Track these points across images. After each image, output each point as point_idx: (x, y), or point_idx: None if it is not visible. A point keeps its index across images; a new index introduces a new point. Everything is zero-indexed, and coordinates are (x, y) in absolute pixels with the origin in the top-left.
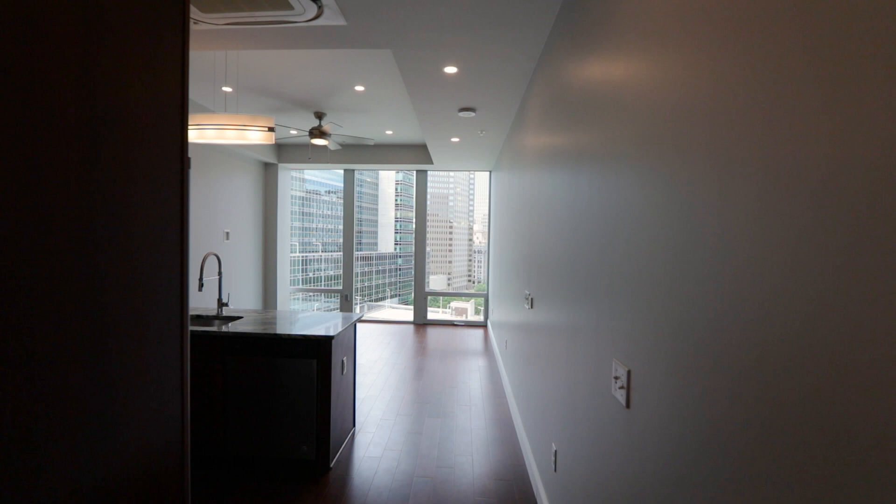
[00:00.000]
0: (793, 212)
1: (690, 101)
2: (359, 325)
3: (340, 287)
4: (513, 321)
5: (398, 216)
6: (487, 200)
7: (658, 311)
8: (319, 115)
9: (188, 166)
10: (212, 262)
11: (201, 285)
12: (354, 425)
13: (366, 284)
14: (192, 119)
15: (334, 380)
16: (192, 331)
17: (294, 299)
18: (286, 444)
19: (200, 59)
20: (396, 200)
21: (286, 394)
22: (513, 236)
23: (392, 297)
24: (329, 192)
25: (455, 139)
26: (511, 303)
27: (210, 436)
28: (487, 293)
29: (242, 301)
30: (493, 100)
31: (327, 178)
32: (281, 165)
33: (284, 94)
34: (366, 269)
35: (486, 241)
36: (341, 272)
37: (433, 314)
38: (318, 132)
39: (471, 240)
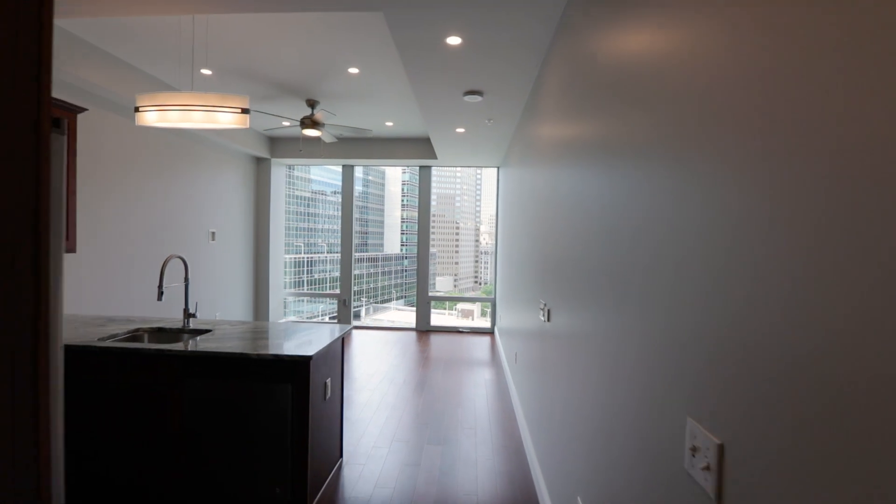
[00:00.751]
0: None
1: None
2: (357, 333)
3: (338, 291)
4: (523, 331)
5: (404, 216)
6: (495, 199)
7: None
8: (312, 104)
9: (54, 131)
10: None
11: (161, 294)
12: (342, 455)
13: (371, 286)
14: (152, 99)
15: (314, 407)
16: (137, 350)
17: (297, 301)
18: (256, 485)
19: (173, 36)
20: (403, 201)
21: (257, 425)
22: (524, 238)
23: (398, 298)
24: (335, 193)
25: (460, 129)
26: (522, 311)
27: (161, 478)
28: (494, 297)
29: (230, 308)
30: (502, 81)
31: (334, 178)
32: (274, 160)
33: (272, 78)
34: (371, 270)
35: (494, 241)
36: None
37: (437, 317)
38: (309, 122)
39: (477, 240)
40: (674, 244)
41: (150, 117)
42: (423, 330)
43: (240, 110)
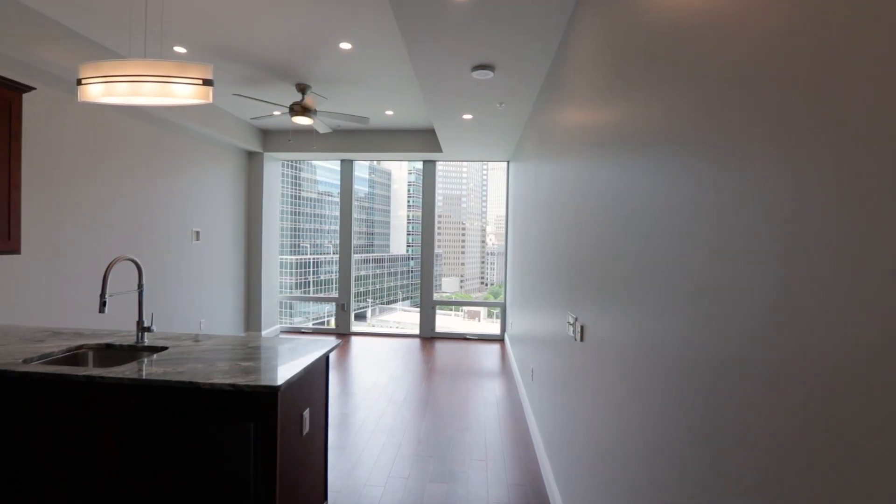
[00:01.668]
0: None
1: None
2: (358, 340)
3: (336, 294)
4: (541, 344)
5: (410, 217)
6: (504, 197)
7: None
8: (303, 88)
9: None
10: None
11: (103, 304)
12: (326, 498)
13: (377, 287)
14: (96, 69)
15: (286, 448)
16: (60, 376)
17: (303, 302)
18: None
19: (140, 8)
20: (408, 202)
21: (211, 473)
22: (540, 239)
23: (404, 299)
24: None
25: (467, 116)
26: (538, 320)
27: None
28: (504, 302)
29: (218, 315)
30: (517, 51)
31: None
32: (267, 155)
33: (256, 58)
34: (377, 271)
35: (504, 241)
36: (354, 274)
37: (443, 318)
38: (299, 108)
39: (483, 241)
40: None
41: (95, 91)
42: (428, 337)
43: (201, 81)
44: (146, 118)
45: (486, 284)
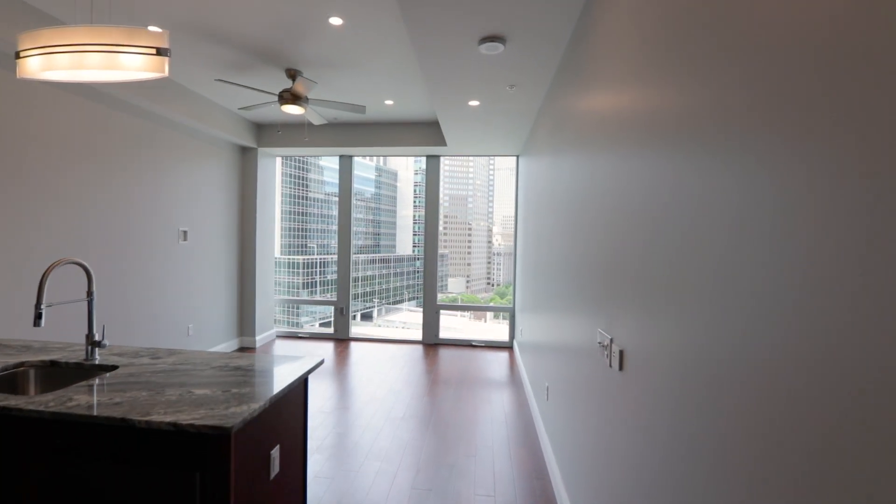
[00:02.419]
0: None
1: None
2: (356, 347)
3: (335, 298)
4: (558, 359)
5: (416, 217)
6: (514, 193)
7: None
8: (293, 75)
9: None
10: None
11: (38, 316)
12: None
13: (384, 287)
14: (34, 38)
15: (242, 500)
16: None
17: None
18: None
19: None
20: (415, 202)
21: None
22: (560, 240)
23: (410, 299)
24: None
25: (474, 102)
26: (555, 331)
27: None
28: (513, 307)
29: (208, 319)
30: (533, 16)
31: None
32: (261, 150)
33: (239, 38)
34: (384, 271)
35: (512, 241)
36: (361, 274)
37: (448, 319)
38: (289, 96)
39: (490, 241)
40: None
41: (34, 65)
42: (431, 343)
43: (154, 51)
44: (127, 109)
45: (493, 285)
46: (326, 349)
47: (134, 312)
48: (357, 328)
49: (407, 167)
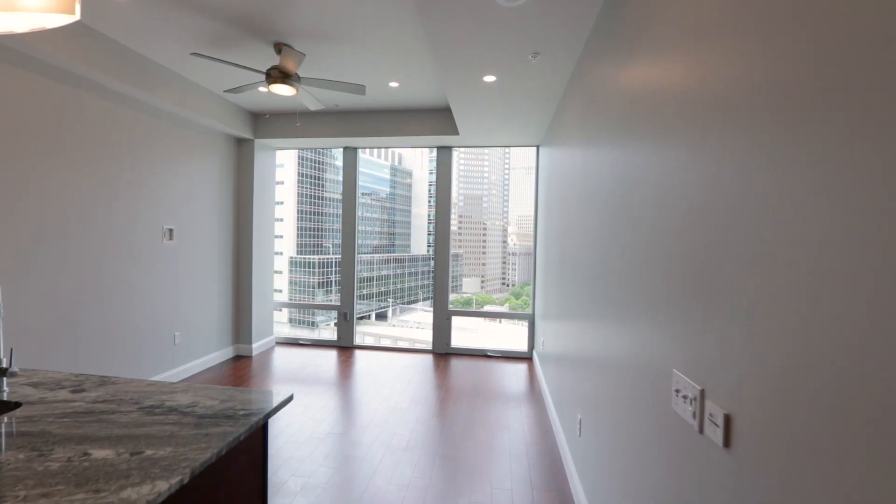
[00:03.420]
0: None
1: None
2: (360, 357)
3: (338, 302)
4: (596, 385)
5: (430, 217)
6: (533, 188)
7: None
8: (281, 48)
9: None
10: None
11: None
12: None
13: (398, 287)
14: None
15: None
16: None
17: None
18: None
19: None
20: (429, 202)
21: None
22: (601, 243)
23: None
24: (364, 195)
25: (489, 78)
26: (591, 347)
27: None
28: (532, 314)
29: (197, 327)
30: None
31: (365, 181)
32: (259, 142)
33: (218, 5)
34: (398, 270)
35: (531, 241)
36: (376, 274)
37: (459, 320)
38: (277, 73)
39: (505, 241)
40: None
41: None
42: (442, 353)
43: None
44: (102, 93)
45: (508, 285)
46: (328, 359)
47: (111, 319)
48: (370, 328)
49: (422, 166)
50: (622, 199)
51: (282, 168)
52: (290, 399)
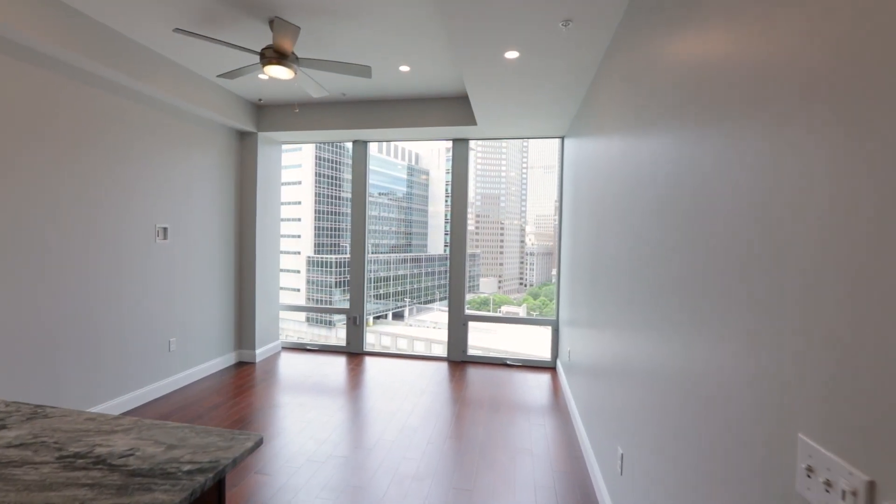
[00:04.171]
0: None
1: None
2: (371, 364)
3: (347, 305)
4: (646, 409)
5: (447, 216)
6: (557, 183)
7: None
8: (274, 22)
9: None
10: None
11: None
12: None
13: (415, 286)
14: None
15: None
16: None
17: (344, 300)
18: None
19: None
20: (446, 202)
21: None
22: (656, 245)
23: (441, 299)
24: (380, 194)
25: (512, 53)
26: (633, 367)
27: None
28: (556, 319)
29: (195, 333)
30: None
31: (382, 181)
32: (262, 135)
33: None
34: (415, 270)
35: (552, 240)
36: (392, 273)
37: (477, 323)
38: (272, 53)
39: (523, 241)
40: None
41: None
42: (458, 361)
43: None
44: (87, 80)
45: (526, 285)
46: (335, 367)
47: (99, 326)
48: (387, 327)
49: (439, 166)
50: (685, 193)
51: (299, 168)
52: (259, 443)
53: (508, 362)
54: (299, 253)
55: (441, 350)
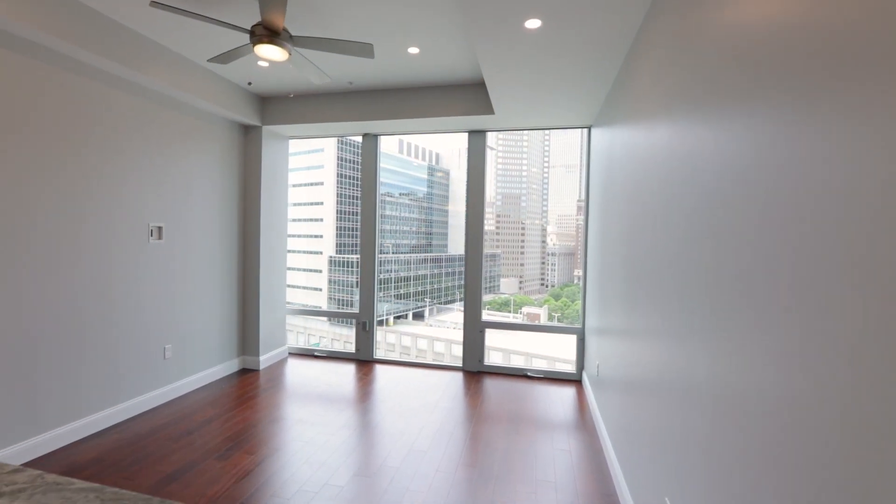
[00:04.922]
0: None
1: None
2: (381, 373)
3: (356, 310)
4: (710, 454)
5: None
6: (583, 180)
7: None
8: None
9: None
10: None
11: None
12: None
13: (435, 286)
14: None
15: None
16: None
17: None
18: None
19: None
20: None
21: None
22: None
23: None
24: (401, 195)
25: (533, 22)
26: (680, 385)
27: None
28: (582, 327)
29: (194, 338)
30: None
31: (403, 181)
32: (267, 129)
33: None
34: (435, 270)
35: (576, 240)
36: (413, 273)
37: (494, 317)
38: (263, 31)
39: (544, 241)
40: None
41: None
42: (474, 371)
43: None
44: (73, 68)
45: (547, 286)
46: (343, 375)
47: (85, 330)
48: (407, 327)
49: (459, 166)
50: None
51: (322, 169)
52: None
53: (529, 374)
54: (321, 253)
55: (461, 351)
